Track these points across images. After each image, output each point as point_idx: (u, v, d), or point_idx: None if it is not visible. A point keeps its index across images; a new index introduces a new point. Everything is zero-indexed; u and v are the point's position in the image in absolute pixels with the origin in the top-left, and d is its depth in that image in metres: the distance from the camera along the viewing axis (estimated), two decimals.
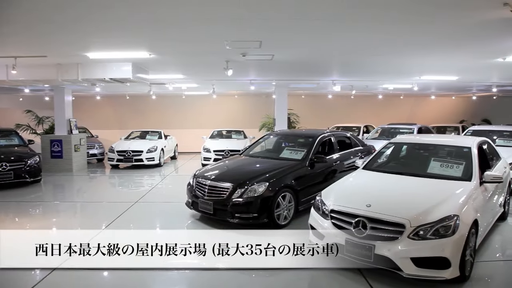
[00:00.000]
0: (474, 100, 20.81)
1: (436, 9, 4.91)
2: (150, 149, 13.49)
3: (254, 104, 19.86)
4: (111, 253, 5.19)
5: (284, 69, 10.44)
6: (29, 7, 4.76)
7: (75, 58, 8.35)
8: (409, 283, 4.12)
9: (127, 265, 4.73)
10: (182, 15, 5.16)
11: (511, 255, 5.35)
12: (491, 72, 11.23)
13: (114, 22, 5.46)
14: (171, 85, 13.18)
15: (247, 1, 4.61)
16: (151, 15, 5.15)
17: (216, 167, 7.08)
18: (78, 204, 8.39)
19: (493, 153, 6.51)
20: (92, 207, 7.91)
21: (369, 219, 4.19)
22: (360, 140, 9.32)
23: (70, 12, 4.98)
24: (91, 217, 7.15)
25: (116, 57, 8.03)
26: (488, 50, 7.63)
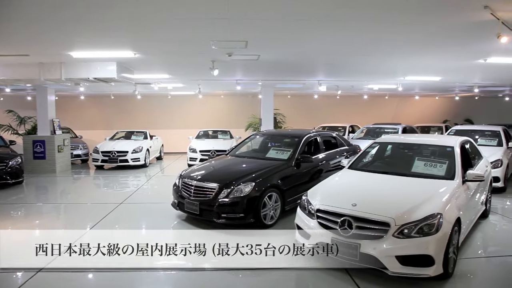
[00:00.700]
0: (456, 101, 21.17)
1: (419, 11, 4.97)
2: (136, 150, 13.37)
3: (240, 104, 19.85)
4: (96, 254, 5.13)
5: (270, 69, 10.46)
6: (10, 5, 4.66)
7: (58, 57, 8.21)
8: (394, 280, 4.17)
9: (112, 266, 4.67)
10: (167, 15, 5.12)
11: (493, 252, 5.45)
12: (473, 73, 11.43)
13: (98, 21, 5.39)
14: (156, 85, 13.07)
15: (233, 1, 4.60)
16: (136, 15, 5.10)
17: (202, 167, 7.05)
18: (61, 206, 8.25)
19: (475, 152, 6.63)
20: (77, 209, 7.79)
21: (354, 218, 4.22)
22: (346, 140, 9.39)
23: (53, 11, 4.90)
24: (75, 219, 7.03)
25: (100, 56, 7.92)
26: (470, 52, 7.77)
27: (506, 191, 8.97)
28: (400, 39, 6.62)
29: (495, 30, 5.26)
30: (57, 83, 10.70)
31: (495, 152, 9.13)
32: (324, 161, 7.70)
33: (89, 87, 13.75)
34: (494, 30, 5.28)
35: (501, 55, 7.97)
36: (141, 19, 5.30)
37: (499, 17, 5.02)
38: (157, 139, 15.84)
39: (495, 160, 8.66)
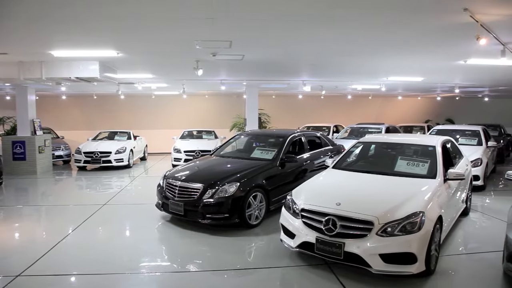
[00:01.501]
0: (438, 101, 21.56)
1: (400, 12, 5.04)
2: (119, 150, 13.21)
3: (225, 104, 19.81)
4: (79, 257, 5.06)
5: (255, 69, 10.46)
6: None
7: (38, 56, 8.05)
8: (377, 278, 4.22)
9: (95, 269, 4.60)
10: (150, 14, 5.06)
11: (473, 248, 5.56)
12: (453, 74, 11.66)
13: (79, 20, 5.30)
14: (140, 84, 12.94)
15: (217, 1, 4.58)
16: (118, 13, 5.03)
17: (187, 167, 7.01)
18: (43, 208, 8.09)
19: (456, 152, 6.76)
20: (58, 211, 7.64)
21: (339, 217, 4.26)
22: (330, 140, 9.46)
23: (32, 8, 4.79)
24: (57, 221, 6.90)
25: (82, 55, 7.80)
26: (451, 53, 7.91)
27: (486, 189, 9.18)
28: (382, 40, 6.70)
29: (474, 32, 5.38)
30: (37, 83, 10.49)
31: (475, 151, 9.33)
32: (309, 160, 7.74)
33: (71, 87, 13.51)
34: (473, 32, 5.40)
35: (480, 57, 8.15)
36: (124, 18, 5.23)
37: (478, 20, 5.13)
38: (141, 139, 15.69)
39: (475, 159, 8.84)
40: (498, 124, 15.94)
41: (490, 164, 10.28)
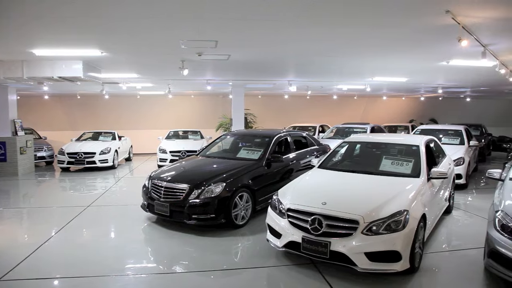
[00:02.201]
0: (422, 101, 21.87)
1: (384, 14, 5.10)
2: (104, 151, 13.04)
3: (211, 104, 19.76)
4: (63, 260, 4.97)
5: (241, 69, 10.45)
6: None
7: (19, 54, 7.89)
8: (363, 276, 4.26)
9: (80, 272, 4.53)
10: (134, 13, 5.01)
11: (456, 245, 5.66)
12: (436, 75, 11.85)
13: (62, 18, 5.21)
14: (125, 84, 12.80)
15: (202, 1, 4.56)
16: (102, 13, 4.96)
17: (172, 168, 6.96)
18: (24, 210, 7.93)
19: (439, 151, 6.87)
20: (41, 213, 7.50)
21: (324, 217, 4.28)
22: (316, 140, 9.51)
23: (12, 6, 4.69)
24: (39, 224, 6.77)
25: (65, 54, 7.67)
26: (434, 54, 8.04)
27: (468, 188, 9.35)
28: (366, 40, 6.77)
29: (456, 34, 5.48)
30: (18, 82, 10.28)
31: (458, 150, 9.50)
32: (295, 160, 7.77)
33: (54, 86, 13.29)
34: (455, 34, 5.49)
35: (462, 58, 8.30)
36: (108, 17, 5.16)
37: (460, 22, 5.23)
38: (126, 140, 15.52)
39: (458, 158, 9.01)
40: (480, 124, 16.27)
41: (472, 163, 10.48)
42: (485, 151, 14.77)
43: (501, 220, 4.09)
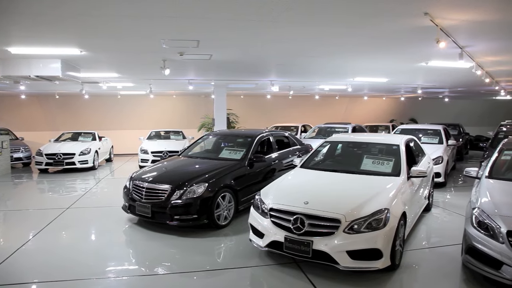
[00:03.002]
0: (402, 101, 22.24)
1: (364, 15, 5.15)
2: (83, 152, 12.81)
3: (193, 104, 19.64)
4: (41, 263, 4.86)
5: (223, 69, 10.42)
6: None
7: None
8: (345, 274, 4.31)
9: (60, 276, 4.44)
10: (114, 11, 4.93)
11: (435, 242, 5.77)
12: (416, 75, 12.06)
13: (39, 15, 5.08)
14: (105, 84, 12.61)
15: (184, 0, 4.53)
16: (81, 10, 4.87)
17: (154, 168, 6.89)
18: (0, 213, 7.71)
19: (419, 150, 7.00)
20: (18, 215, 7.31)
21: (307, 216, 4.30)
22: (298, 139, 9.55)
23: None
24: (16, 227, 6.59)
25: (43, 53, 7.48)
26: (413, 55, 8.18)
27: (447, 186, 9.56)
28: (347, 41, 6.84)
29: (434, 35, 5.60)
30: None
31: (437, 149, 9.70)
32: (277, 160, 7.79)
33: (31, 86, 12.97)
34: (434, 36, 5.61)
35: (441, 59, 8.48)
36: (88, 15, 5.07)
37: (438, 24, 5.34)
38: (106, 140, 15.29)
39: (437, 157, 9.19)
40: (458, 124, 16.67)
41: (451, 162, 10.72)
42: (463, 150, 15.13)
43: (478, 217, 4.19)
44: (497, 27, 5.71)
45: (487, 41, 6.66)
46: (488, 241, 3.95)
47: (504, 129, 11.39)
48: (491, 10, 4.85)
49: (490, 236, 3.96)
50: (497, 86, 13.59)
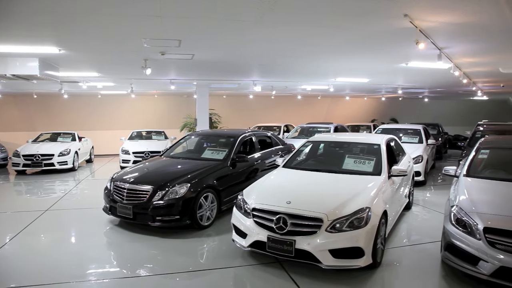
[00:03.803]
0: (383, 101, 22.56)
1: (345, 16, 5.20)
2: (63, 152, 12.56)
3: (175, 104, 19.49)
4: (19, 267, 4.75)
5: (205, 69, 10.37)
6: None
7: None
8: (327, 273, 4.34)
9: (38, 281, 4.33)
10: (94, 9, 4.84)
11: (415, 240, 5.87)
12: (396, 76, 12.25)
13: (15, 13, 4.95)
14: (85, 83, 12.38)
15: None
16: (60, 8, 4.76)
17: (136, 169, 6.81)
18: None
19: (399, 149, 7.11)
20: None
21: (289, 216, 4.32)
22: (281, 139, 9.59)
23: None
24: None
25: (19, 51, 7.26)
26: (393, 56, 8.30)
27: (426, 184, 9.75)
28: (329, 41, 6.88)
29: (414, 37, 5.69)
30: None
31: (417, 148, 9.88)
32: (260, 160, 7.80)
33: (7, 85, 12.64)
34: (413, 37, 5.70)
35: (420, 60, 8.63)
36: (67, 13, 4.96)
37: (417, 25, 5.43)
38: (86, 140, 15.02)
39: (417, 156, 9.36)
40: (437, 123, 17.00)
41: (430, 161, 10.92)
42: (442, 149, 15.44)
43: (456, 215, 4.29)
44: (474, 29, 5.85)
45: (464, 42, 6.82)
46: (466, 238, 4.05)
47: (481, 128, 11.70)
48: (468, 12, 4.96)
49: (468, 233, 4.05)
50: (474, 86, 13.93)
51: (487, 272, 3.83)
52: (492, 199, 4.51)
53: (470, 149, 6.32)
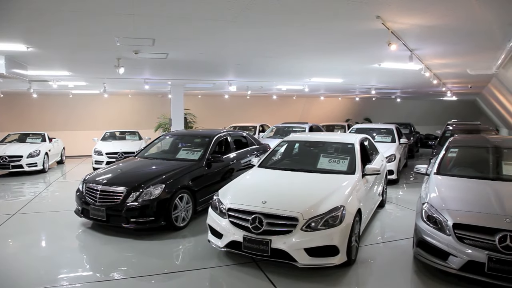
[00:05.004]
0: (357, 101, 22.95)
1: (318, 17, 5.26)
2: (32, 154, 12.15)
3: (150, 104, 19.22)
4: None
5: (180, 69, 10.27)
6: None
7: None
8: (303, 271, 4.38)
9: (6, 287, 4.18)
10: (64, 6, 4.71)
11: (389, 237, 5.99)
12: (370, 76, 12.49)
13: None
14: (55, 82, 12.04)
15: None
16: (28, 4, 4.61)
17: (109, 170, 6.66)
18: None
19: (373, 148, 7.24)
20: None
21: (265, 215, 4.33)
22: (256, 139, 9.59)
23: None
24: None
25: None
26: (366, 56, 8.45)
27: (399, 182, 9.97)
28: (303, 42, 6.95)
29: (386, 38, 5.82)
30: None
31: (390, 147, 10.08)
32: (235, 160, 7.78)
33: None
34: (385, 38, 5.83)
35: (392, 61, 8.83)
36: (34, 8, 4.80)
37: (389, 27, 5.55)
38: (57, 141, 14.59)
39: (390, 155, 9.55)
40: (409, 123, 17.44)
41: (403, 159, 11.18)
42: (414, 148, 15.83)
43: (427, 212, 4.40)
44: (443, 32, 6.02)
45: (434, 44, 7.02)
46: (436, 234, 4.16)
47: (450, 128, 12.08)
48: (437, 15, 5.11)
49: (438, 229, 4.17)
50: (444, 87, 14.35)
51: (456, 267, 3.96)
52: (461, 196, 4.65)
53: (440, 148, 6.51)
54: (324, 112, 24.40)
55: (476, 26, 5.68)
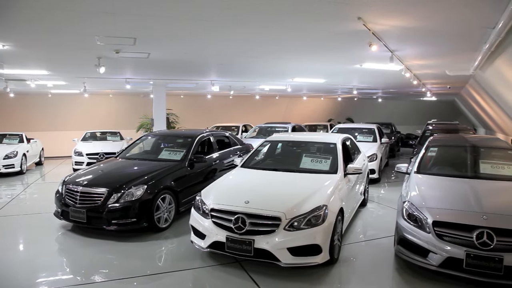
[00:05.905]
0: (339, 101, 23.17)
1: (301, 17, 5.30)
2: (9, 155, 11.84)
3: (131, 104, 18.99)
4: None
5: (162, 68, 10.19)
6: None
7: None
8: (286, 271, 4.39)
9: None
10: (42, 3, 4.61)
11: (371, 235, 6.06)
12: (352, 77, 12.63)
13: None
14: (33, 82, 11.77)
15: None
16: None
17: (89, 171, 6.55)
18: None
19: (355, 148, 7.32)
20: None
21: (248, 215, 4.32)
22: (239, 139, 9.58)
23: None
24: None
25: None
26: (348, 57, 8.55)
27: (381, 182, 10.10)
28: (285, 42, 6.98)
29: (367, 39, 5.89)
30: None
31: (371, 147, 10.21)
32: (218, 160, 7.75)
33: None
34: (367, 39, 5.90)
35: (373, 62, 8.94)
36: (11, 5, 4.68)
37: (370, 28, 5.62)
38: (36, 142, 14.27)
39: (371, 154, 9.68)
40: (390, 123, 17.69)
41: (384, 159, 11.34)
42: (395, 147, 16.08)
43: (408, 210, 4.47)
44: (423, 34, 6.14)
45: (414, 46, 7.14)
46: (416, 231, 4.24)
47: (430, 127, 12.30)
48: (417, 17, 5.20)
49: (419, 227, 4.24)
50: (424, 88, 14.62)
51: (436, 263, 4.04)
52: (440, 194, 4.74)
53: (420, 147, 6.62)
54: (307, 112, 24.55)
55: (455, 29, 5.80)
